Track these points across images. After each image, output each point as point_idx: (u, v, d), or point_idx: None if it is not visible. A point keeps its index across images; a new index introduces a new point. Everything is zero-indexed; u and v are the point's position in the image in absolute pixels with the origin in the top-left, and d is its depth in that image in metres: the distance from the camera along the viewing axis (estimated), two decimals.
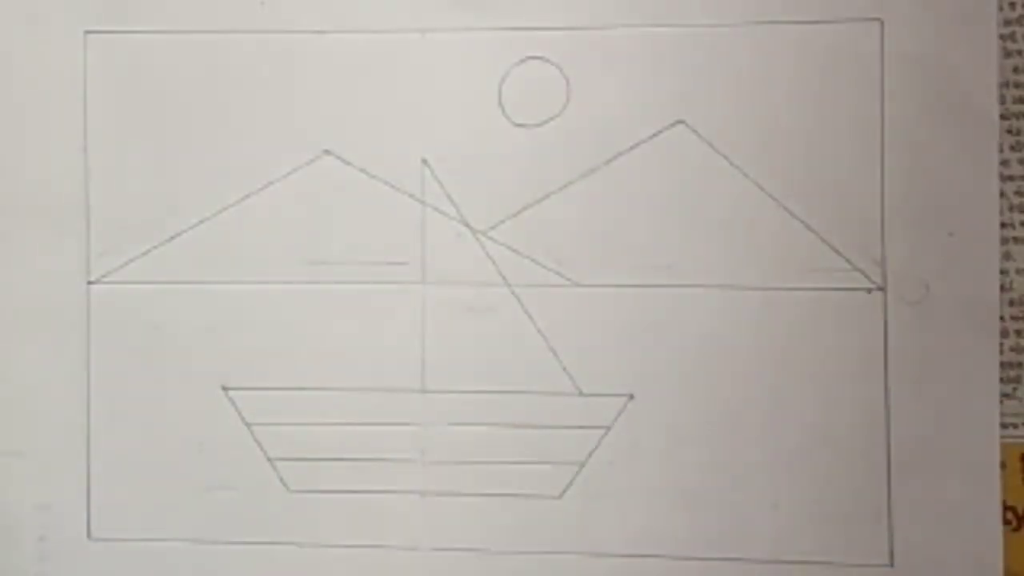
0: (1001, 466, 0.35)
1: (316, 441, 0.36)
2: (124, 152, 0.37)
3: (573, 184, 0.36)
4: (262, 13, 0.36)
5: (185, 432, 0.37)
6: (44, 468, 0.37)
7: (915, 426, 0.35)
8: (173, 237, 0.37)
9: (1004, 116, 0.35)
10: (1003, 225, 0.35)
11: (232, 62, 0.37)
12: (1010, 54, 0.35)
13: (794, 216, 0.35)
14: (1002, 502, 0.35)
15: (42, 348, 0.37)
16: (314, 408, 0.36)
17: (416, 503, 0.36)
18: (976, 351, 0.35)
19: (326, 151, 0.36)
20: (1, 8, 0.37)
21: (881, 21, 0.35)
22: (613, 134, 0.35)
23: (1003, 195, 0.35)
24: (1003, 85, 0.35)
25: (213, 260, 0.37)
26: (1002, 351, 0.35)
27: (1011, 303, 0.35)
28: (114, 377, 0.37)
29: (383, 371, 0.36)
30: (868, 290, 0.35)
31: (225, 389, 0.37)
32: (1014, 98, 0.35)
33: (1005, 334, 0.35)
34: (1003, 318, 0.35)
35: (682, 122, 0.35)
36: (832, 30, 0.35)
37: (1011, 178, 0.35)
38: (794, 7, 0.35)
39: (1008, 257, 0.35)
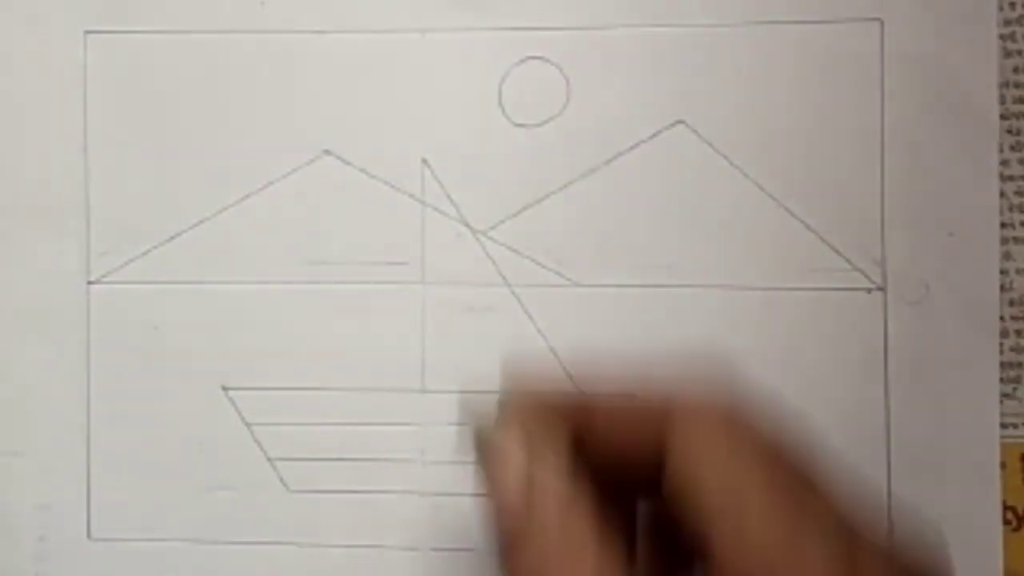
0: (1001, 466, 0.35)
1: (316, 441, 0.36)
2: (124, 152, 0.37)
3: (573, 184, 0.36)
4: (262, 13, 0.36)
5: (185, 432, 0.37)
6: (44, 468, 0.37)
7: (915, 426, 0.35)
8: (173, 237, 0.37)
9: (1004, 116, 0.35)
10: (1003, 225, 0.35)
11: (232, 62, 0.37)
12: (1010, 54, 0.35)
13: (794, 216, 0.35)
14: (1002, 502, 0.35)
15: (42, 348, 0.37)
16: (314, 408, 0.36)
17: (416, 503, 0.36)
18: (976, 351, 0.35)
19: (326, 151, 0.36)
20: (1, 8, 0.37)
21: (881, 21, 0.35)
22: (613, 134, 0.35)
23: (1003, 195, 0.35)
24: (1003, 85, 0.35)
25: (213, 260, 0.37)
26: (1002, 351, 0.35)
27: (1011, 303, 0.35)
28: (114, 377, 0.37)
29: (383, 371, 0.36)
30: (868, 290, 0.35)
31: (225, 389, 0.37)
32: (1014, 98, 0.35)
33: (1005, 334, 0.35)
34: (1003, 318, 0.35)
35: (682, 122, 0.35)
36: (832, 30, 0.35)
37: (1011, 178, 0.35)
38: (794, 7, 0.35)
39: (1008, 257, 0.35)
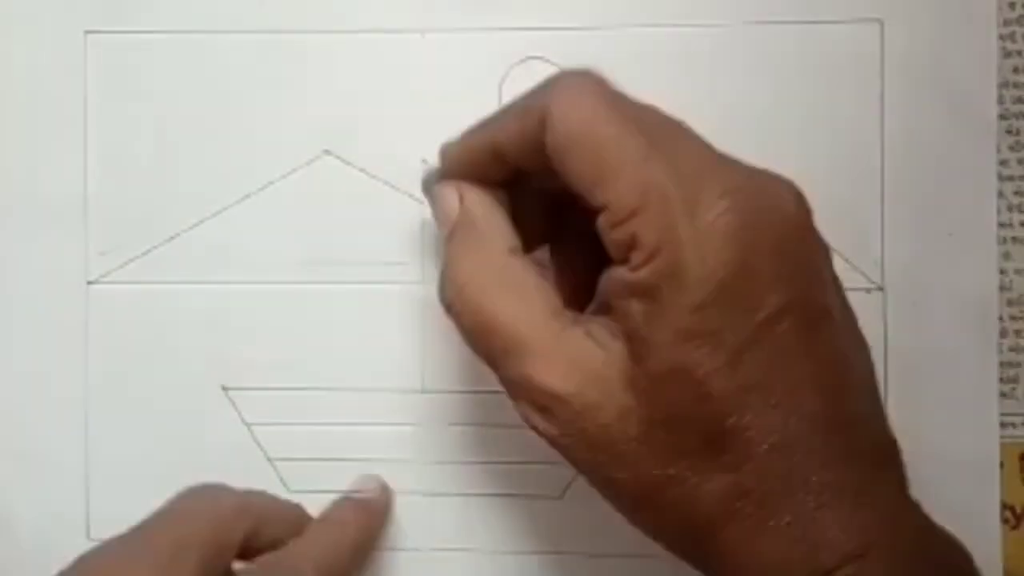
0: (1000, 465, 0.35)
1: (316, 441, 0.36)
2: (124, 152, 0.37)
3: None
4: (262, 13, 0.36)
5: (185, 432, 0.37)
6: (44, 468, 0.37)
7: (914, 426, 0.35)
8: (173, 237, 0.37)
9: (1003, 116, 0.35)
10: (1002, 225, 0.35)
11: (232, 62, 0.37)
12: (1009, 54, 0.35)
13: None
14: (1001, 501, 0.35)
15: (42, 348, 0.37)
16: (314, 408, 0.36)
17: (416, 503, 0.36)
18: (975, 350, 0.35)
19: (326, 151, 0.36)
20: (1, 8, 0.37)
21: (881, 21, 0.35)
22: None
23: (1002, 195, 0.35)
24: (1002, 85, 0.35)
25: (213, 260, 0.37)
26: (1001, 351, 0.35)
27: (1009, 303, 0.35)
28: (113, 377, 0.37)
29: (383, 371, 0.36)
30: (867, 290, 0.35)
31: (225, 389, 0.37)
32: (1013, 98, 0.35)
33: (1004, 334, 0.35)
34: (1002, 318, 0.35)
35: (683, 121, 0.35)
36: (832, 30, 0.35)
37: (1010, 178, 0.35)
38: (794, 7, 0.35)
39: (1007, 257, 0.35)
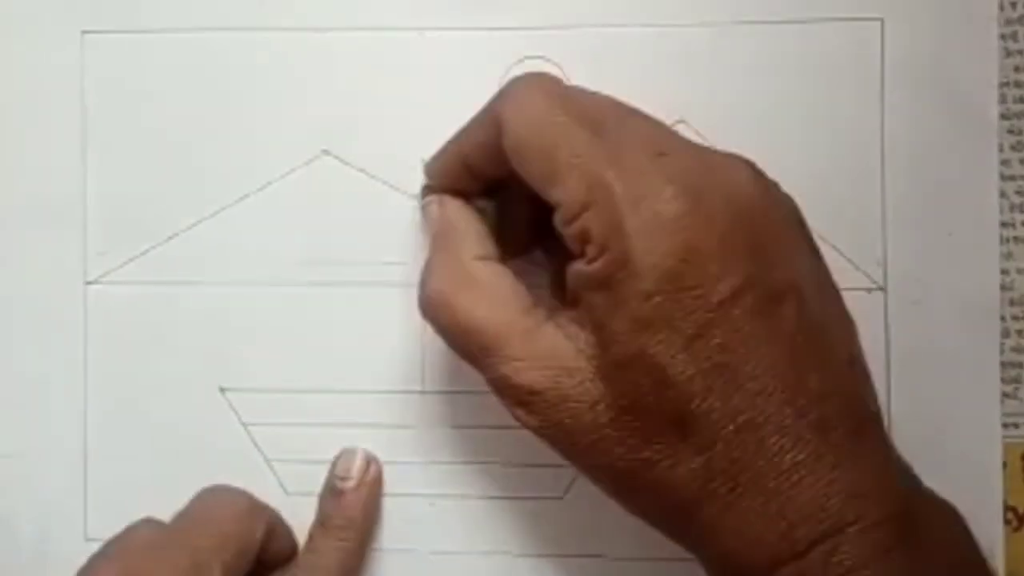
0: (1002, 466, 0.35)
1: (314, 443, 0.36)
2: (123, 152, 0.37)
3: None
4: (262, 13, 0.36)
5: (183, 433, 0.37)
6: (43, 468, 0.37)
7: (916, 426, 0.35)
8: (172, 237, 0.37)
9: (1004, 116, 0.35)
10: (1003, 224, 0.35)
11: (231, 62, 0.36)
12: (1010, 54, 0.35)
13: None
14: (1003, 502, 0.35)
15: (41, 348, 0.37)
16: (313, 409, 0.36)
17: (417, 505, 0.36)
18: (977, 350, 0.35)
19: (325, 151, 0.36)
20: (0, 8, 0.37)
21: (882, 20, 0.35)
22: None
23: (1003, 195, 0.35)
24: (1003, 84, 0.35)
25: (212, 260, 0.36)
26: (1002, 351, 0.35)
27: (1011, 302, 0.35)
28: (112, 377, 0.37)
29: (383, 371, 0.36)
30: (869, 290, 0.35)
31: (223, 390, 0.37)
32: (1014, 98, 0.35)
33: (1006, 334, 0.35)
34: (1003, 318, 0.35)
35: (683, 121, 0.35)
36: (833, 29, 0.35)
37: (1012, 178, 0.35)
38: (795, 6, 0.35)
39: (1008, 257, 0.35)
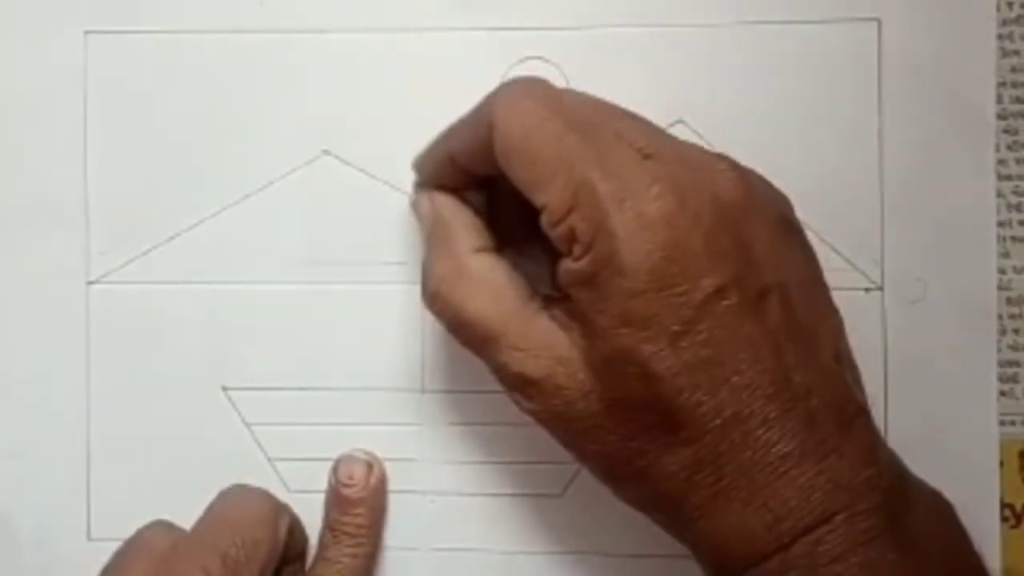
0: (999, 464, 0.35)
1: (316, 441, 0.36)
2: (124, 152, 0.37)
3: None
4: (262, 13, 0.36)
5: (185, 432, 0.37)
6: (44, 468, 0.37)
7: (913, 424, 0.35)
8: (173, 237, 0.37)
9: (1001, 116, 0.35)
10: (1000, 224, 0.35)
11: (232, 62, 0.37)
12: (1007, 54, 0.35)
13: None
14: (1000, 500, 0.35)
15: (43, 348, 0.37)
16: (314, 408, 0.36)
17: (416, 503, 0.36)
18: (974, 349, 0.35)
19: (325, 151, 0.36)
20: (1, 8, 0.37)
21: (879, 21, 0.35)
22: None
23: (1000, 194, 0.35)
24: (1000, 85, 0.35)
25: (213, 260, 0.37)
26: (1000, 349, 0.35)
27: (1008, 301, 0.35)
28: (114, 377, 0.37)
29: (383, 371, 0.36)
30: (866, 289, 0.35)
31: (225, 389, 0.37)
32: (1011, 98, 0.35)
33: (1003, 332, 0.35)
34: (1000, 316, 0.35)
35: (682, 121, 0.35)
36: (830, 30, 0.35)
37: (1008, 177, 0.35)
38: (793, 7, 0.35)
39: (1006, 256, 0.35)
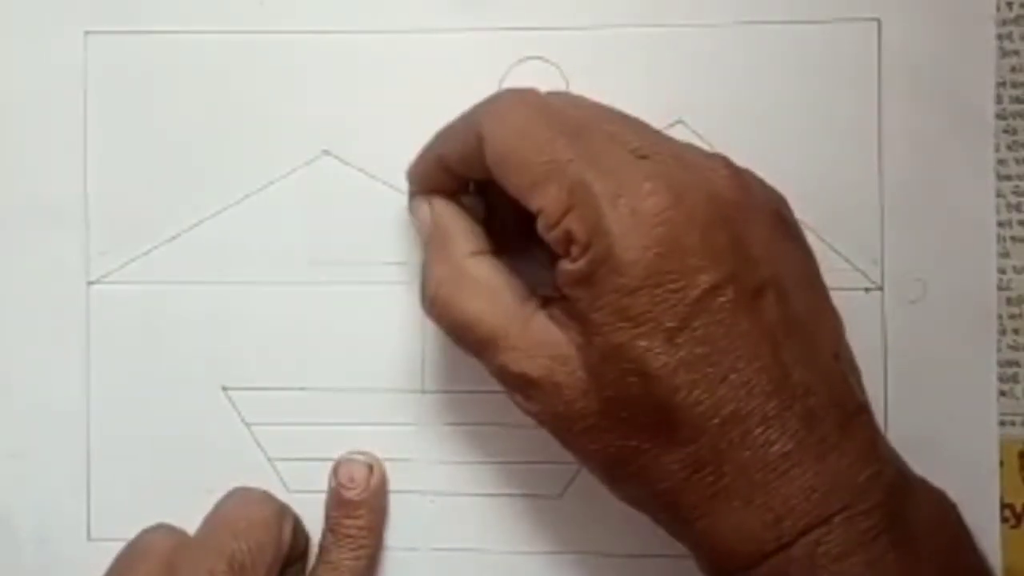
0: (999, 464, 0.35)
1: (316, 441, 0.36)
2: (124, 152, 0.37)
3: None
4: (262, 13, 0.36)
5: (185, 432, 0.37)
6: (44, 468, 0.37)
7: (913, 424, 0.35)
8: (173, 237, 0.37)
9: (1001, 116, 0.35)
10: (1000, 224, 0.35)
11: (232, 62, 0.37)
12: (1007, 54, 0.35)
13: None
14: (1000, 500, 0.35)
15: (42, 348, 0.37)
16: (314, 408, 0.36)
17: (416, 503, 0.36)
18: (974, 349, 0.35)
19: (325, 151, 0.37)
20: (1, 8, 0.37)
21: (879, 21, 0.35)
22: None
23: (1000, 194, 0.35)
24: (1000, 85, 0.35)
25: (213, 260, 0.37)
26: (999, 349, 0.35)
27: (1008, 301, 0.35)
28: (114, 377, 0.37)
29: (383, 371, 0.36)
30: (866, 289, 0.35)
31: (225, 389, 0.37)
32: (1011, 98, 0.35)
33: (1003, 332, 0.35)
34: (1000, 316, 0.35)
35: (682, 121, 0.35)
36: (830, 30, 0.35)
37: (1008, 177, 0.35)
38: (792, 7, 0.35)
39: (1006, 256, 0.35)
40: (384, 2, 0.36)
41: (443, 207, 0.33)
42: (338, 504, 0.35)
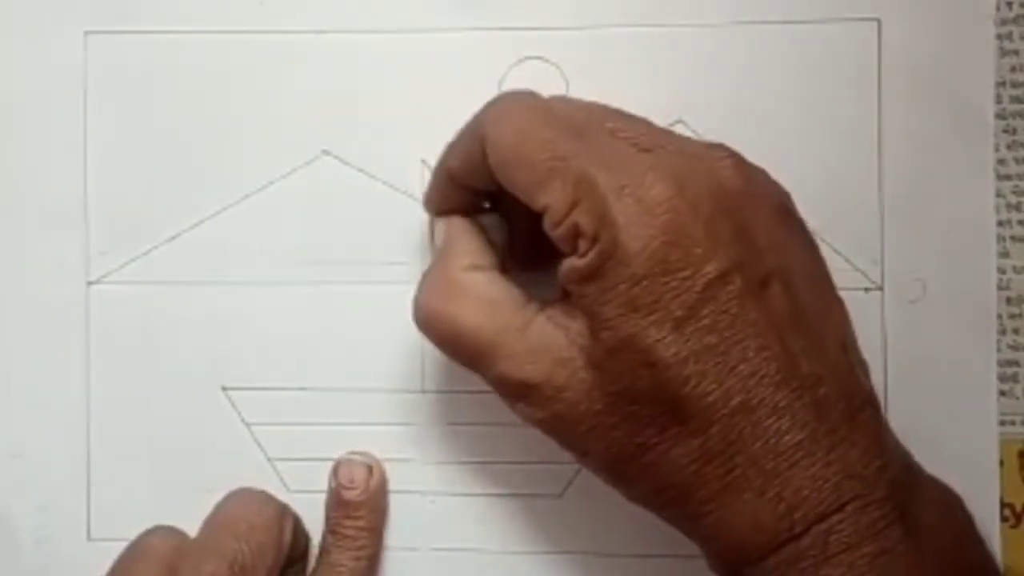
0: (999, 464, 0.35)
1: (316, 441, 0.36)
2: (124, 152, 0.37)
3: None
4: (262, 13, 0.36)
5: (185, 432, 0.37)
6: (44, 468, 0.37)
7: (913, 424, 0.34)
8: (173, 237, 0.37)
9: (1000, 115, 0.35)
10: (1000, 224, 0.35)
11: (232, 62, 0.37)
12: (1006, 53, 0.35)
13: None
14: (1000, 499, 0.35)
15: (42, 348, 0.37)
16: (314, 408, 0.36)
17: (416, 503, 0.36)
18: (973, 349, 0.35)
19: (325, 151, 0.37)
20: (1, 8, 0.37)
21: (879, 21, 0.35)
22: None
23: (999, 194, 0.35)
24: (999, 84, 0.35)
25: (213, 260, 0.37)
26: (999, 349, 0.35)
27: (1008, 301, 0.35)
28: (114, 377, 0.37)
29: (383, 371, 0.36)
30: (866, 289, 0.35)
31: (225, 389, 0.37)
32: (1010, 97, 0.35)
33: (1002, 332, 0.35)
34: (1000, 316, 0.35)
35: (682, 121, 0.35)
36: (830, 30, 0.35)
37: (1007, 177, 0.35)
38: (792, 7, 0.35)
39: (1006, 256, 0.35)
40: (384, 2, 0.36)
41: (455, 223, 0.33)
42: (338, 505, 0.35)
